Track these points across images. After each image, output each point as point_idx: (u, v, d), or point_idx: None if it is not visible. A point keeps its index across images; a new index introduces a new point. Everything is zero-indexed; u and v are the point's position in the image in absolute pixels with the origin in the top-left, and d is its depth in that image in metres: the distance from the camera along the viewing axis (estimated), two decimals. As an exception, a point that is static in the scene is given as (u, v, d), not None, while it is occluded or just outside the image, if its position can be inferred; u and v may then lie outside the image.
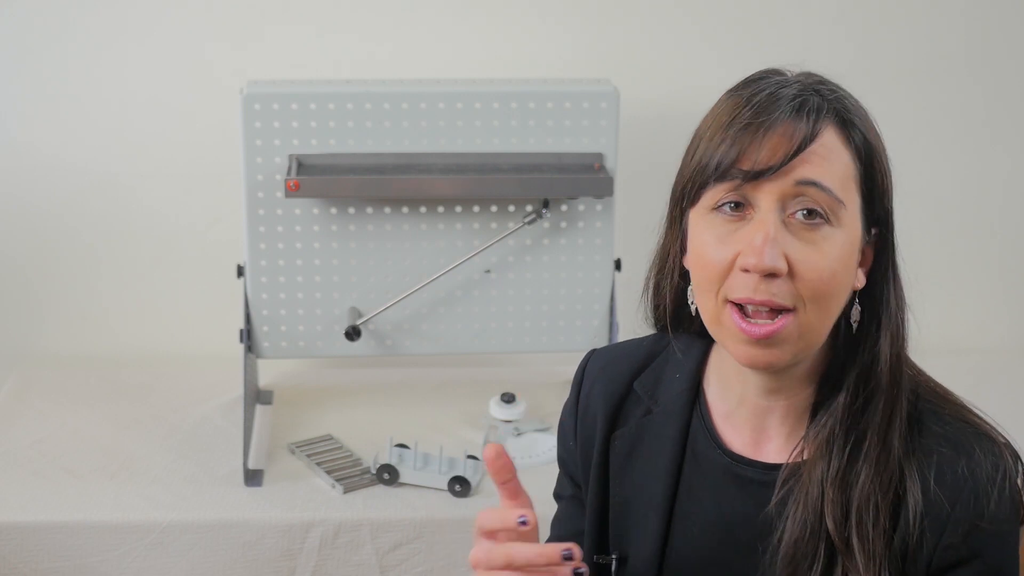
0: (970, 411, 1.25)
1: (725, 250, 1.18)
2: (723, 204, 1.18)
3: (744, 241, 1.17)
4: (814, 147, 1.16)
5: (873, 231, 1.23)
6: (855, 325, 1.22)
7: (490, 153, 2.28)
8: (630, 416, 1.35)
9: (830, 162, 1.17)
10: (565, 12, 2.55)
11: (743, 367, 1.23)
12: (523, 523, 1.14)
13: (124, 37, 2.50)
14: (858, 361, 1.22)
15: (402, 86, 2.26)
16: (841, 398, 1.23)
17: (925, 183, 2.66)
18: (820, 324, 1.19)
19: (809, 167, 1.16)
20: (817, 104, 1.18)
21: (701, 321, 1.25)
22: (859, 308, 1.22)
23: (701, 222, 1.21)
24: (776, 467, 1.25)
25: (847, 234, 1.18)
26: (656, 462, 1.32)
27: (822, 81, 1.22)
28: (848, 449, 1.21)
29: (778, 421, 1.27)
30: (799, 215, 1.16)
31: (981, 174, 2.70)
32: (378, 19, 2.53)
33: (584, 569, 1.16)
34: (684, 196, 1.23)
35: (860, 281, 1.23)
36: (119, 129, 2.54)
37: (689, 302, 1.27)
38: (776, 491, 1.23)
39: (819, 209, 1.16)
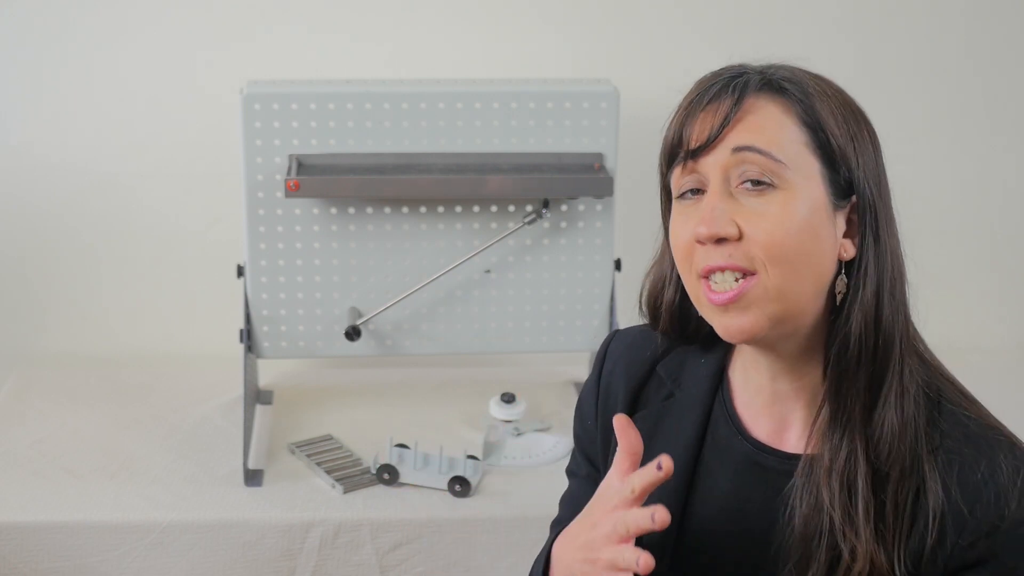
0: (991, 415, 1.26)
1: (686, 229, 1.23)
2: (685, 191, 1.24)
3: (698, 215, 1.21)
4: (746, 116, 1.21)
5: (852, 198, 1.23)
6: (839, 296, 1.23)
7: (490, 153, 2.28)
8: (651, 399, 1.37)
9: (765, 127, 1.21)
10: (565, 12, 2.55)
11: (750, 352, 1.27)
12: (659, 468, 1.17)
13: (124, 37, 2.50)
14: (837, 332, 1.23)
15: (402, 86, 2.26)
16: (829, 370, 1.24)
17: (925, 183, 2.66)
18: (790, 286, 1.20)
19: (743, 134, 1.21)
20: (747, 80, 1.23)
21: (707, 327, 1.27)
22: (844, 280, 1.23)
23: (673, 212, 1.26)
24: (796, 457, 1.26)
25: (800, 195, 1.20)
26: (675, 445, 1.33)
27: (782, 66, 1.26)
28: (839, 419, 1.22)
29: (794, 408, 1.28)
30: (747, 184, 1.21)
31: (981, 174, 2.70)
32: (378, 19, 2.53)
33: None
34: (661, 195, 1.30)
35: (848, 252, 1.23)
36: (119, 129, 2.54)
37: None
38: (795, 480, 1.24)
39: (761, 176, 1.20)
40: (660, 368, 1.37)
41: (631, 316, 1.42)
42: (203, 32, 2.51)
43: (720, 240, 1.19)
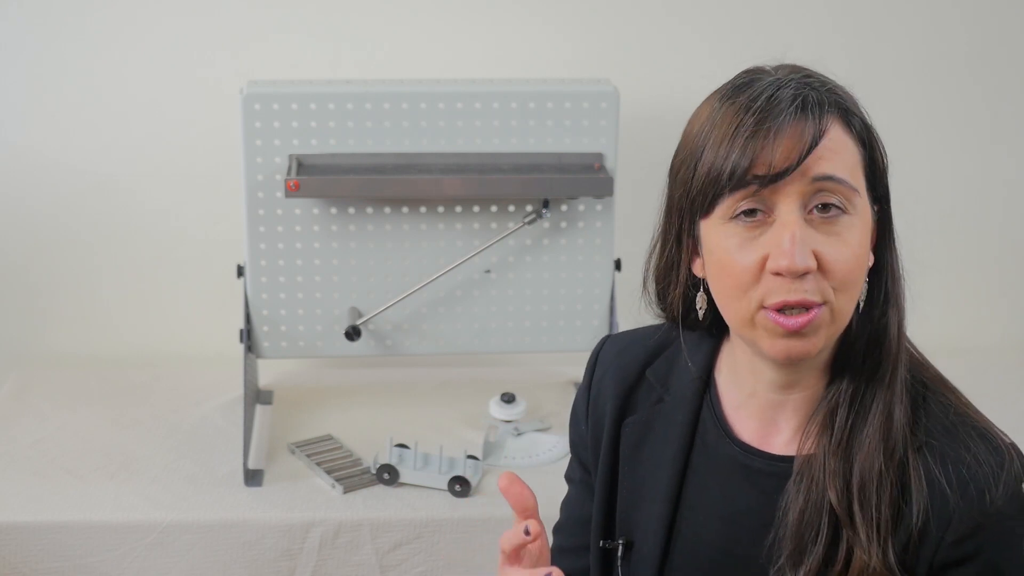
0: (975, 410, 1.26)
1: (750, 256, 1.19)
2: (739, 213, 1.19)
3: (770, 244, 1.18)
4: (824, 142, 1.18)
5: (876, 208, 1.24)
6: (861, 304, 1.23)
7: (490, 153, 2.28)
8: (641, 404, 1.37)
9: (840, 153, 1.19)
10: (565, 12, 2.55)
11: (755, 363, 1.26)
12: (526, 533, 1.19)
13: (124, 38, 2.50)
14: (865, 335, 1.24)
15: (402, 86, 2.26)
16: (848, 372, 1.24)
17: (924, 182, 2.66)
18: (847, 308, 1.21)
19: (823, 162, 1.18)
20: (817, 99, 1.20)
21: (708, 320, 1.28)
22: (866, 285, 1.24)
23: (717, 232, 1.21)
24: (784, 459, 1.26)
25: (862, 219, 1.20)
26: (665, 450, 1.33)
27: (808, 74, 1.24)
28: (851, 419, 1.23)
29: (788, 414, 1.28)
30: (817, 210, 1.18)
31: (981, 173, 2.70)
32: (378, 19, 2.53)
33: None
34: (693, 208, 1.23)
35: (871, 259, 1.24)
36: (120, 130, 2.54)
37: (698, 307, 1.29)
38: (792, 480, 1.23)
39: (835, 201, 1.18)
40: (649, 373, 1.38)
41: (631, 316, 1.42)
42: (203, 32, 2.51)
43: (800, 274, 1.17)
